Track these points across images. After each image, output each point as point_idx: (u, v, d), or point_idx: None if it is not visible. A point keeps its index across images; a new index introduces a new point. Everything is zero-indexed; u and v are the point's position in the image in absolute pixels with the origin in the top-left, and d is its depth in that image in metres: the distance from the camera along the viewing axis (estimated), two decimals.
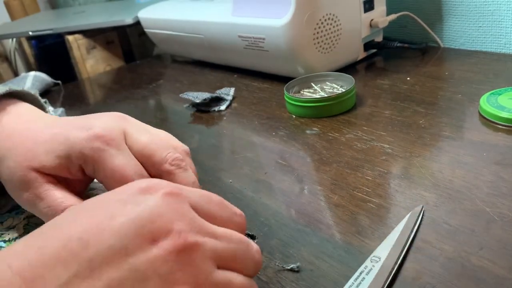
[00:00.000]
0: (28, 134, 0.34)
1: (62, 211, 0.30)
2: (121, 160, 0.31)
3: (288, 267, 0.29)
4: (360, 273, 0.27)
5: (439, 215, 0.31)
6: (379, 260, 0.28)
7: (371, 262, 0.28)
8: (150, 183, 0.23)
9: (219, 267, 0.22)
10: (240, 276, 0.23)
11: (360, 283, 0.26)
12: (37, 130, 0.34)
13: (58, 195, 0.32)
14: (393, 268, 0.27)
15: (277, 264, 0.30)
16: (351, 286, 0.26)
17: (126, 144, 0.32)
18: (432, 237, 0.30)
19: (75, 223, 0.21)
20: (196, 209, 0.23)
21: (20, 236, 0.36)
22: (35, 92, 0.40)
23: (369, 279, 0.26)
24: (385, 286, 0.26)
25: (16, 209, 0.39)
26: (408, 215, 0.32)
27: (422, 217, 0.32)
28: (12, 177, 0.32)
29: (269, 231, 0.33)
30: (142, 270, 0.20)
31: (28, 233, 0.36)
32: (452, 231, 0.30)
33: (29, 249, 0.20)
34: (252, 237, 0.32)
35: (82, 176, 0.33)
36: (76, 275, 0.19)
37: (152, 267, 0.20)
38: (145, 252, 0.20)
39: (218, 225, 0.23)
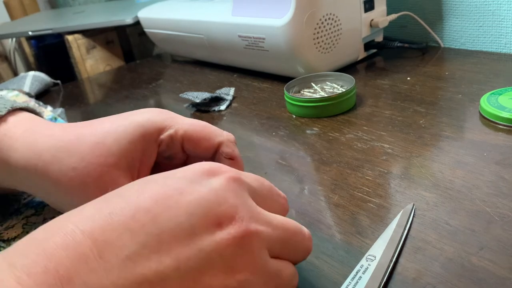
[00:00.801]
0: (77, 132, 0.32)
1: None
2: (190, 119, 0.33)
3: None
4: (357, 272, 0.27)
5: (440, 215, 0.31)
6: (375, 259, 0.28)
7: (367, 260, 0.28)
8: (213, 166, 0.23)
9: (272, 256, 0.23)
10: (289, 267, 0.24)
11: (357, 282, 0.26)
12: (81, 129, 0.32)
13: None
14: (388, 266, 0.27)
15: None
16: (348, 285, 0.26)
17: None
18: (432, 237, 0.29)
19: (143, 194, 0.21)
20: (252, 194, 0.24)
21: (19, 235, 0.36)
22: (39, 111, 0.37)
23: (366, 278, 0.26)
24: (382, 284, 0.26)
25: (16, 211, 0.39)
26: (400, 213, 0.32)
27: (413, 215, 0.32)
28: (84, 180, 0.30)
29: None
30: (208, 251, 0.20)
31: (27, 232, 0.36)
32: (452, 231, 0.30)
33: (100, 214, 0.20)
34: None
35: (152, 158, 0.32)
36: (145, 246, 0.19)
37: (217, 249, 0.21)
38: (211, 235, 0.21)
39: (267, 208, 0.24)
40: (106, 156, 0.30)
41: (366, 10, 0.61)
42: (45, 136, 0.32)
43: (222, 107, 0.58)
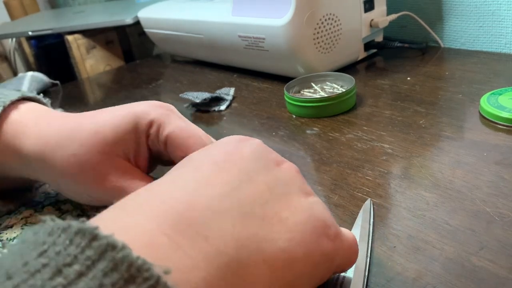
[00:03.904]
0: (77, 120, 0.33)
1: None
2: (185, 122, 0.33)
3: None
4: (339, 274, 0.27)
5: (439, 215, 0.31)
6: None
7: None
8: (242, 136, 0.25)
9: None
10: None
11: (342, 282, 0.26)
12: (83, 117, 0.33)
13: (142, 183, 0.31)
14: (366, 263, 0.28)
15: None
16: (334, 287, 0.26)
17: None
18: (432, 237, 0.29)
19: (217, 153, 0.23)
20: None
21: (18, 236, 0.35)
22: (47, 101, 0.39)
23: (349, 278, 0.27)
24: (365, 281, 0.27)
25: (14, 210, 0.39)
26: (361, 210, 0.32)
27: (373, 210, 0.33)
28: (83, 166, 0.31)
29: None
30: (282, 177, 0.23)
31: None
32: (452, 231, 0.30)
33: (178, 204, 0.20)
34: None
35: (144, 149, 0.33)
36: (241, 180, 0.22)
37: (289, 176, 0.23)
38: (278, 168, 0.24)
39: None
40: (103, 145, 0.31)
41: (366, 10, 0.61)
42: (49, 123, 0.33)
43: (222, 107, 0.58)
